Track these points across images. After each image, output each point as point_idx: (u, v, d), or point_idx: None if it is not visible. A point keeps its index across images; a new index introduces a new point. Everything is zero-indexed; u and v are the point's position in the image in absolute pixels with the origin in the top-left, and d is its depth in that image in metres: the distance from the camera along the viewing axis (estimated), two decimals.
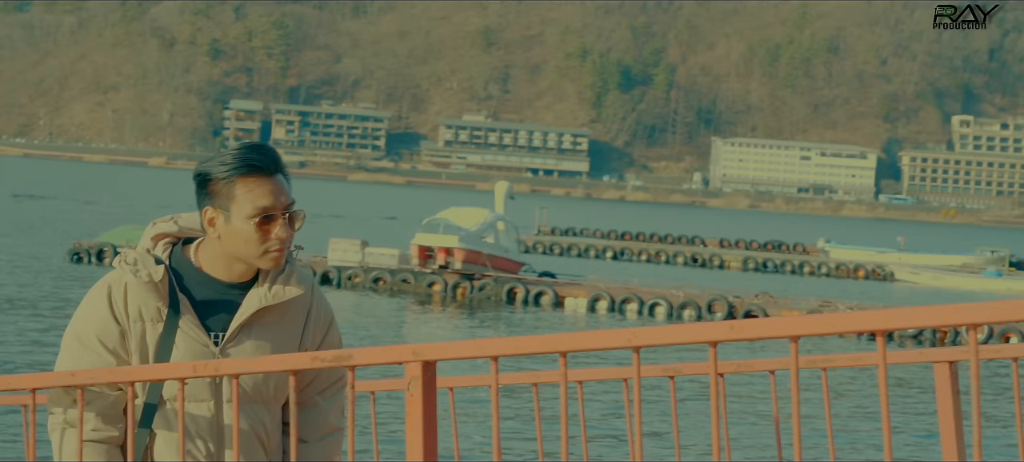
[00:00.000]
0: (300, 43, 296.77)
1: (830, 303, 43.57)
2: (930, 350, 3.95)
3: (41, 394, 4.10)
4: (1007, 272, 72.57)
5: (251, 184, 3.69)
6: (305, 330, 3.84)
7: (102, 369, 3.66)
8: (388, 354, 3.31)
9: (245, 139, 79.84)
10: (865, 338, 35.56)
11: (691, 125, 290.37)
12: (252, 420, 3.76)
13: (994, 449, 21.02)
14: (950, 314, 2.30)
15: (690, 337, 2.70)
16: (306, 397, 3.84)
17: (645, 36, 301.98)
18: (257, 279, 3.78)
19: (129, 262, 3.74)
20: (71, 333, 3.80)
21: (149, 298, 3.71)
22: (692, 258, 72.89)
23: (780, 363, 4.27)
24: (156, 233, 3.81)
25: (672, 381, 4.48)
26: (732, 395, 23.52)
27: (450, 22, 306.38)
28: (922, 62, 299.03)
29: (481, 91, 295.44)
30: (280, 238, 3.70)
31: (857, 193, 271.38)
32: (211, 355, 3.73)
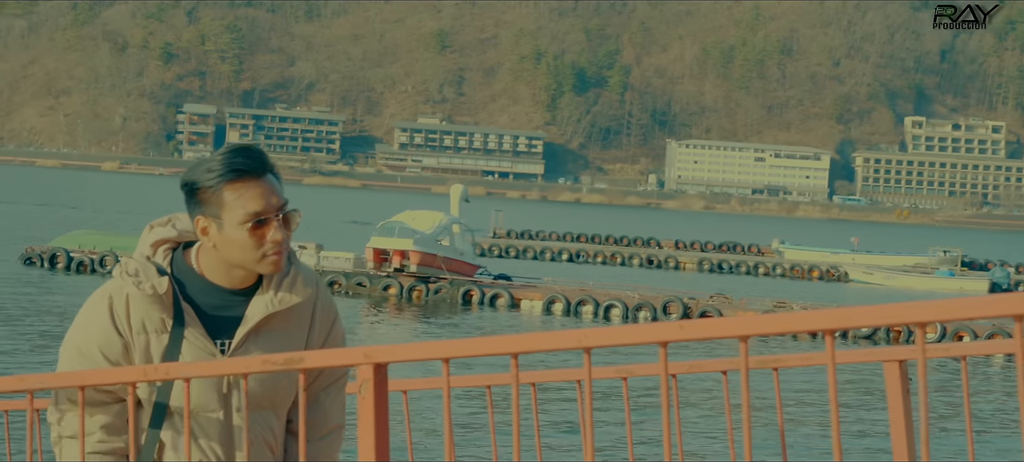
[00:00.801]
0: (253, 46, 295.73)
1: (785, 304, 43.76)
2: (880, 349, 3.97)
3: (39, 398, 4.02)
4: (959, 272, 73.09)
5: (240, 189, 3.59)
6: (311, 331, 3.76)
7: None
8: (339, 356, 3.31)
9: (199, 143, 79.59)
10: (820, 338, 35.73)
11: (646, 127, 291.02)
12: (262, 427, 3.69)
13: (954, 447, 21.17)
14: (897, 313, 2.32)
15: (640, 338, 2.70)
16: (310, 394, 3.76)
17: (599, 38, 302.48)
18: (260, 284, 3.68)
19: (130, 273, 3.63)
20: (71, 344, 3.69)
21: (152, 310, 3.61)
22: (647, 260, 73.07)
23: (732, 363, 4.28)
24: (156, 239, 3.70)
25: (625, 382, 4.49)
26: (698, 394, 23.59)
27: (404, 25, 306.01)
28: (875, 63, 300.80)
29: (436, 94, 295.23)
30: (276, 241, 3.60)
31: (811, 194, 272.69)
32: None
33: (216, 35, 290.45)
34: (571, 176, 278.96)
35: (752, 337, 2.49)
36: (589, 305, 41.51)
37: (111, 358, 3.62)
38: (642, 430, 19.50)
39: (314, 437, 3.75)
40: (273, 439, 3.73)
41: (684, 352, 29.14)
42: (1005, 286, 65.52)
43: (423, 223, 45.42)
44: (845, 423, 22.63)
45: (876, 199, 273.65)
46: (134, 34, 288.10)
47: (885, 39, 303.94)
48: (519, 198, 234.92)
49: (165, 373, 3.53)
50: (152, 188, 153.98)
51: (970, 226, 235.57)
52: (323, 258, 45.12)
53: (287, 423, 3.79)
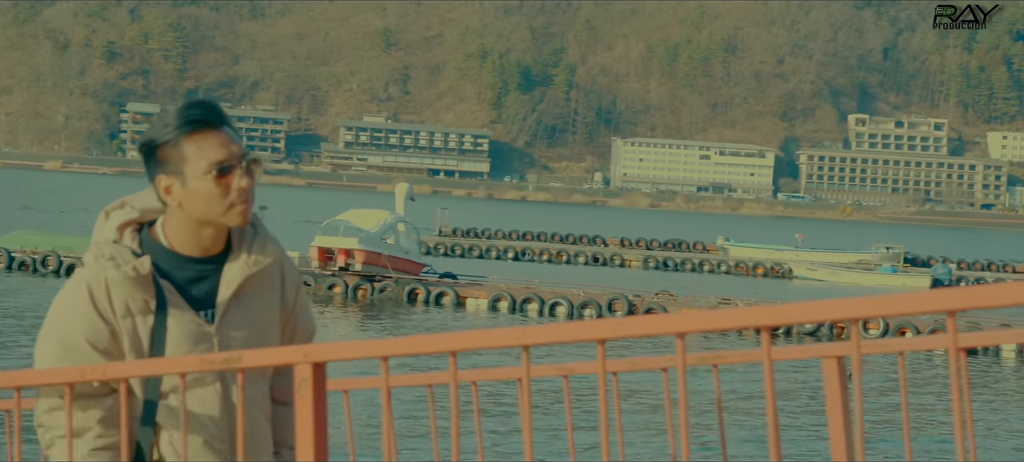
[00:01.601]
0: (197, 45, 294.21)
1: (729, 301, 43.95)
2: (818, 345, 3.98)
3: (25, 397, 3.83)
4: (902, 268, 73.63)
5: (199, 140, 3.54)
6: (283, 293, 3.73)
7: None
8: (278, 355, 3.29)
9: None
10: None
11: (591, 125, 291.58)
12: (255, 393, 3.65)
13: (900, 443, 21.30)
14: (832, 310, 2.34)
15: (578, 335, 2.70)
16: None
17: (544, 37, 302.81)
18: (230, 250, 3.64)
19: (106, 257, 3.54)
20: (51, 339, 3.57)
21: (135, 292, 3.53)
22: (593, 258, 73.20)
23: (673, 360, 4.29)
24: (120, 222, 3.61)
25: (566, 380, 4.49)
26: (646, 391, 23.64)
27: (349, 23, 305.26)
28: (818, 61, 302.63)
29: (381, 92, 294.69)
30: (242, 188, 3.54)
31: (756, 191, 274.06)
32: (208, 336, 3.58)
33: (159, 33, 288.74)
34: (517, 174, 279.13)
35: (690, 334, 2.50)
36: (534, 303, 41.55)
37: (100, 347, 3.53)
38: (589, 430, 19.54)
39: (291, 400, 3.73)
40: (265, 404, 3.70)
41: (634, 349, 29.23)
42: (947, 282, 66.03)
43: (368, 222, 45.33)
44: (789, 419, 22.76)
45: (820, 196, 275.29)
46: (76, 32, 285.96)
47: (828, 37, 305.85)
48: (465, 196, 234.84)
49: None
50: (95, 187, 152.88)
51: (913, 223, 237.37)
52: None
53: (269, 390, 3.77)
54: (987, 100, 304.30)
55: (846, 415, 3.83)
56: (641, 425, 20.89)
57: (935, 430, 22.77)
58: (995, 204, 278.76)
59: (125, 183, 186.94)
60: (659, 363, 4.37)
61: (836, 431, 3.83)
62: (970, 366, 16.17)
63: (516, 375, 4.35)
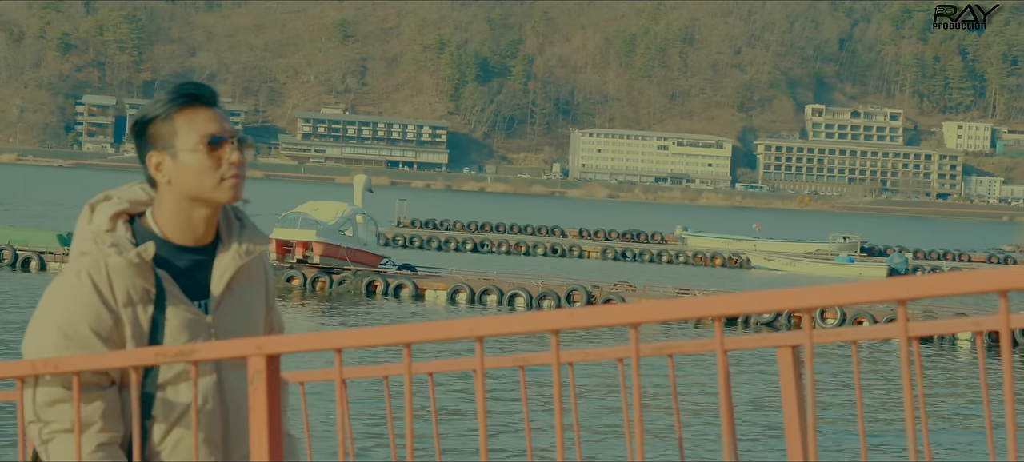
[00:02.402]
0: (153, 37, 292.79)
1: (687, 291, 44.07)
2: (771, 335, 3.99)
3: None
4: (859, 258, 74.02)
5: (191, 115, 3.52)
6: (267, 285, 3.73)
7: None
8: (231, 348, 3.27)
9: (98, 134, 78.53)
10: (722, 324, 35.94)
11: (549, 116, 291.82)
12: (243, 386, 3.60)
13: (849, 433, 21.41)
14: (783, 299, 2.35)
15: (531, 326, 2.70)
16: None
17: (502, 28, 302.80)
18: (220, 240, 3.61)
19: (108, 243, 3.49)
20: (50, 328, 3.48)
21: (136, 279, 3.47)
22: (552, 249, 73.26)
23: (628, 350, 4.29)
24: (112, 212, 3.55)
25: (522, 371, 4.49)
26: (608, 382, 23.67)
27: (306, 15, 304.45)
28: (775, 52, 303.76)
29: (338, 84, 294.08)
30: (233, 162, 3.51)
31: (714, 182, 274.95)
32: (205, 326, 3.54)
33: (115, 25, 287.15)
34: (475, 165, 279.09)
35: (644, 324, 2.51)
36: (493, 294, 41.55)
37: (103, 335, 3.47)
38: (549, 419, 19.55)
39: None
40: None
41: (602, 339, 29.26)
42: (903, 271, 66.40)
43: (326, 214, 45.19)
44: (746, 409, 22.84)
45: (777, 186, 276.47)
46: (30, 24, 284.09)
47: (785, 28, 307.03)
48: (423, 188, 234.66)
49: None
50: (51, 180, 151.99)
51: (869, 212, 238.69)
52: None
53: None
54: (942, 90, 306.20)
55: (801, 403, 3.85)
56: (602, 415, 20.93)
57: (899, 419, 22.89)
58: (951, 194, 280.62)
59: (81, 176, 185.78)
60: (615, 353, 4.37)
61: (791, 419, 3.84)
62: (928, 355, 16.25)
63: (470, 366, 4.34)
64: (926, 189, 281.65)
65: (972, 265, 77.51)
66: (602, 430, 19.86)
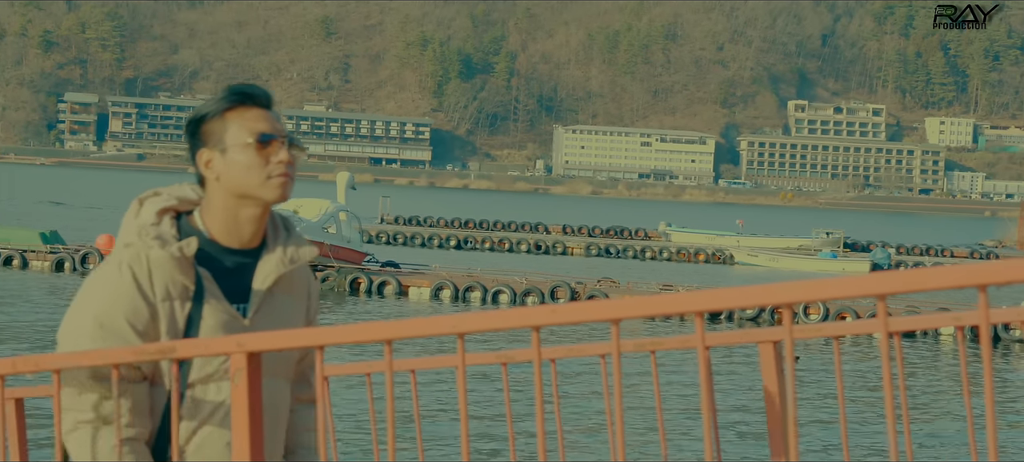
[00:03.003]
0: (135, 34, 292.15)
1: (671, 287, 44.10)
2: (753, 331, 3.99)
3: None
4: (842, 253, 74.15)
5: (244, 113, 3.54)
6: (309, 298, 3.71)
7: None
8: (212, 345, 3.26)
9: (81, 132, 78.26)
10: (706, 320, 36.03)
11: (532, 113, 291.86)
12: (277, 396, 3.60)
13: (835, 428, 21.45)
14: (764, 294, 2.35)
15: (513, 322, 2.69)
16: (301, 369, 3.74)
17: (485, 25, 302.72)
18: (266, 245, 3.60)
19: (151, 236, 3.48)
20: (87, 317, 3.46)
21: (176, 274, 3.46)
22: (536, 245, 73.26)
23: (610, 347, 4.29)
24: (160, 207, 3.55)
25: (504, 368, 4.49)
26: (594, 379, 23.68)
27: (288, 12, 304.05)
28: (758, 48, 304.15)
29: (321, 81, 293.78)
30: (282, 161, 3.51)
31: (697, 178, 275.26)
32: (241, 329, 3.52)
33: (97, 23, 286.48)
34: (458, 162, 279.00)
35: (625, 320, 2.50)
36: (477, 291, 41.53)
37: (139, 328, 3.45)
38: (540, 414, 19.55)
39: (301, 407, 3.75)
40: (285, 408, 3.67)
41: (593, 336, 29.28)
42: (886, 266, 66.56)
43: (309, 211, 45.12)
44: (733, 405, 22.86)
45: (761, 182, 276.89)
46: (12, 22, 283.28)
47: (767, 24, 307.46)
48: (407, 185, 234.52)
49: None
50: (33, 178, 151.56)
51: (852, 208, 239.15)
52: None
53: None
54: (924, 86, 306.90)
55: (783, 398, 3.85)
56: (588, 412, 20.94)
57: (884, 414, 22.95)
58: (933, 189, 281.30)
59: (63, 173, 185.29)
60: (597, 349, 4.37)
61: (773, 417, 3.84)
62: (911, 350, 16.27)
63: (453, 363, 4.34)
64: (909, 185, 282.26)
65: (954, 260, 77.72)
66: (587, 427, 19.87)
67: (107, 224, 63.09)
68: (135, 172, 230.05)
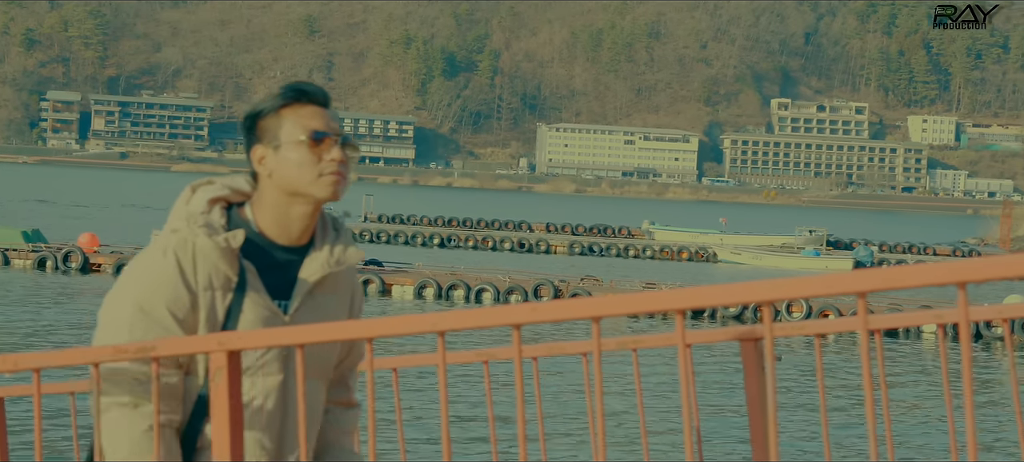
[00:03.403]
0: (118, 32, 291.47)
1: (654, 285, 44.13)
2: (734, 328, 3.99)
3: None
4: (825, 251, 74.31)
5: (299, 110, 3.52)
6: (353, 301, 3.68)
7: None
8: (192, 344, 3.26)
9: (63, 131, 78.20)
10: (688, 318, 36.07)
11: (516, 111, 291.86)
12: (313, 396, 3.56)
13: (833, 426, 21.48)
14: (745, 292, 2.34)
15: (493, 320, 2.69)
16: (340, 372, 3.70)
17: (468, 23, 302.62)
18: (314, 244, 3.56)
19: (200, 224, 3.45)
20: (128, 302, 3.43)
21: (220, 264, 3.43)
22: (519, 243, 73.28)
23: (591, 345, 4.29)
24: (211, 196, 3.52)
25: (486, 365, 4.48)
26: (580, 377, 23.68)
27: (272, 10, 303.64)
28: (741, 46, 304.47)
29: (305, 79, 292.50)
30: (335, 159, 3.48)
31: (680, 176, 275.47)
32: (281, 325, 3.48)
33: (79, 21, 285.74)
34: (442, 161, 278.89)
35: (606, 318, 2.50)
36: (460, 289, 41.53)
37: (178, 316, 3.42)
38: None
39: (340, 410, 3.71)
40: (321, 409, 3.63)
41: (576, 334, 29.30)
42: (869, 264, 66.71)
43: None
44: (716, 403, 22.88)
45: (744, 180, 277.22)
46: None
47: (751, 22, 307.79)
48: (390, 183, 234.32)
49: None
50: (15, 176, 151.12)
51: (835, 206, 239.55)
52: None
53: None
54: (907, 84, 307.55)
55: (763, 396, 3.85)
56: (571, 410, 20.94)
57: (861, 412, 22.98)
58: (916, 187, 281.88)
59: (46, 172, 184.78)
60: (578, 348, 4.37)
61: (755, 415, 3.85)
62: (894, 348, 16.29)
63: (434, 361, 4.33)
64: (891, 182, 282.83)
65: (937, 258, 77.90)
66: (569, 426, 19.87)
67: (89, 223, 62.95)
68: (118, 170, 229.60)
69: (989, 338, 34.88)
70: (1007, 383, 28.62)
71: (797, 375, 26.57)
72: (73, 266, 44.13)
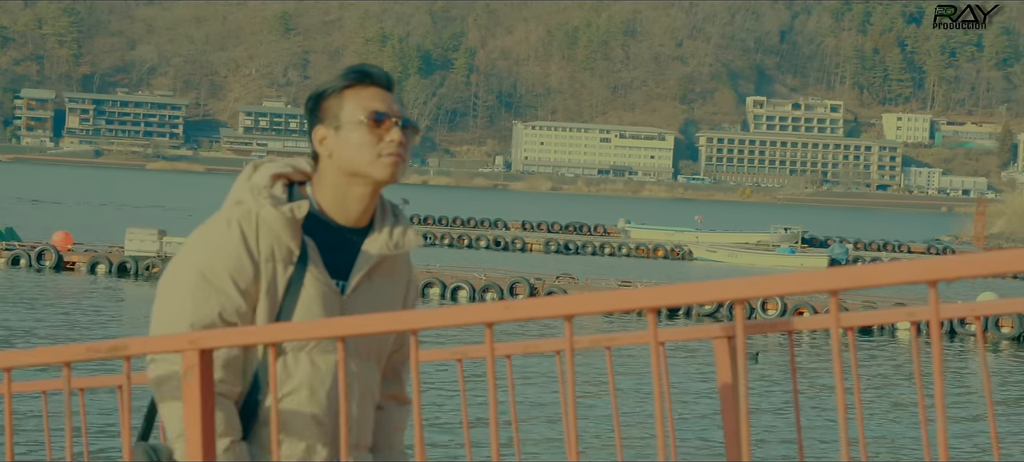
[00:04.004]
0: (92, 30, 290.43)
1: (629, 283, 44.18)
2: (707, 326, 4.00)
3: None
4: (800, 249, 74.49)
5: (361, 91, 3.56)
6: (407, 290, 3.69)
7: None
8: (164, 343, 3.25)
9: (37, 129, 77.89)
10: (663, 316, 36.13)
11: (492, 109, 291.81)
12: (369, 378, 3.57)
13: (808, 420, 21.53)
14: (716, 290, 2.35)
15: (465, 319, 2.70)
16: (392, 363, 3.69)
17: (444, 21, 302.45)
18: (373, 226, 3.59)
19: (265, 197, 3.47)
20: (190, 269, 3.45)
21: (284, 236, 3.46)
22: (495, 241, 73.28)
23: (563, 343, 4.29)
24: (274, 172, 3.54)
25: (460, 364, 4.48)
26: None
27: (247, 8, 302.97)
28: (716, 44, 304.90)
29: (280, 77, 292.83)
30: (394, 141, 3.51)
31: (656, 174, 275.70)
32: (338, 303, 3.50)
33: (53, 18, 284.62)
34: (418, 158, 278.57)
35: (575, 315, 2.51)
36: (436, 287, 41.51)
37: (241, 286, 3.43)
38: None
39: (392, 405, 3.69)
40: (375, 393, 3.61)
41: (558, 331, 29.29)
42: (844, 262, 66.88)
43: None
44: (693, 402, 22.92)
45: (719, 178, 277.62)
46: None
47: (726, 20, 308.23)
48: None
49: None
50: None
51: (811, 204, 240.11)
52: (166, 244, 44.51)
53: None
54: (882, 82, 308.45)
55: (737, 394, 3.85)
56: (543, 409, 20.95)
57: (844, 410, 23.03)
58: (891, 185, 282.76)
59: (20, 170, 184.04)
60: (551, 346, 4.37)
61: (728, 413, 3.85)
62: (870, 346, 16.32)
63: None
64: (866, 180, 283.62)
65: (911, 256, 78.18)
66: (542, 424, 19.88)
67: (63, 221, 62.70)
68: (92, 168, 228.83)
69: (963, 335, 35.02)
70: (981, 379, 28.74)
71: (776, 373, 26.63)
72: (47, 264, 44.00)
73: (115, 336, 22.77)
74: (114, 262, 43.38)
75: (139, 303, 35.45)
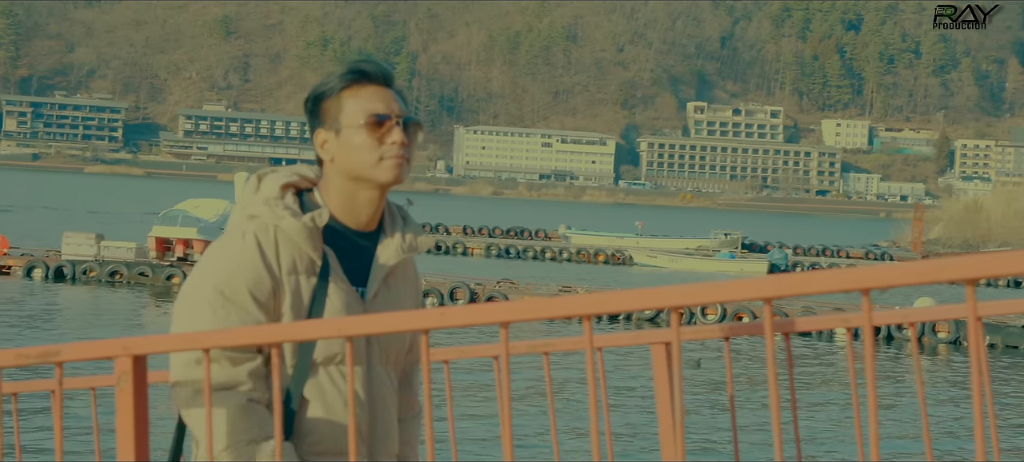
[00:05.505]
0: (30, 32, 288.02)
1: (570, 288, 44.26)
2: (644, 332, 4.01)
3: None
4: (740, 254, 74.87)
5: (360, 91, 3.45)
6: (417, 290, 3.62)
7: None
8: (97, 349, 3.21)
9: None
10: (605, 321, 36.24)
11: (434, 113, 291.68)
12: (390, 385, 3.48)
13: (746, 425, 21.60)
14: (653, 297, 2.37)
15: (401, 325, 2.72)
16: (402, 366, 3.61)
17: (386, 25, 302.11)
18: (383, 231, 3.50)
19: (282, 208, 3.37)
20: (207, 286, 3.34)
21: (304, 247, 3.36)
22: (436, 246, 73.17)
23: (499, 349, 4.29)
24: (283, 182, 3.43)
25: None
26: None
27: (187, 10, 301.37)
28: (657, 50, 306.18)
29: (221, 81, 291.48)
30: (396, 142, 3.40)
31: (597, 179, 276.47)
32: (361, 311, 3.40)
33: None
34: None
35: (512, 322, 2.51)
36: None
37: (260, 300, 3.32)
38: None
39: (408, 415, 3.61)
40: (395, 401, 3.53)
41: (474, 336, 29.26)
42: (783, 267, 67.30)
43: (207, 211, 44.83)
44: (624, 407, 22.96)
45: (660, 183, 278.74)
46: None
47: (667, 26, 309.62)
48: None
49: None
50: None
51: (750, 209, 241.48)
52: (104, 248, 44.20)
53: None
54: (821, 88, 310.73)
55: (673, 400, 3.86)
56: (483, 415, 20.94)
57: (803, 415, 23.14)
58: (830, 190, 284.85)
59: None
60: (489, 351, 4.37)
61: (664, 419, 3.86)
62: (807, 350, 16.44)
63: None
64: (806, 186, 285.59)
65: (850, 261, 78.78)
66: (482, 426, 19.88)
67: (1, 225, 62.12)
68: (29, 172, 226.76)
69: (900, 340, 35.31)
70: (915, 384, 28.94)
71: (713, 376, 26.74)
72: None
73: (51, 341, 22.53)
74: (51, 266, 43.03)
75: (80, 308, 35.16)
